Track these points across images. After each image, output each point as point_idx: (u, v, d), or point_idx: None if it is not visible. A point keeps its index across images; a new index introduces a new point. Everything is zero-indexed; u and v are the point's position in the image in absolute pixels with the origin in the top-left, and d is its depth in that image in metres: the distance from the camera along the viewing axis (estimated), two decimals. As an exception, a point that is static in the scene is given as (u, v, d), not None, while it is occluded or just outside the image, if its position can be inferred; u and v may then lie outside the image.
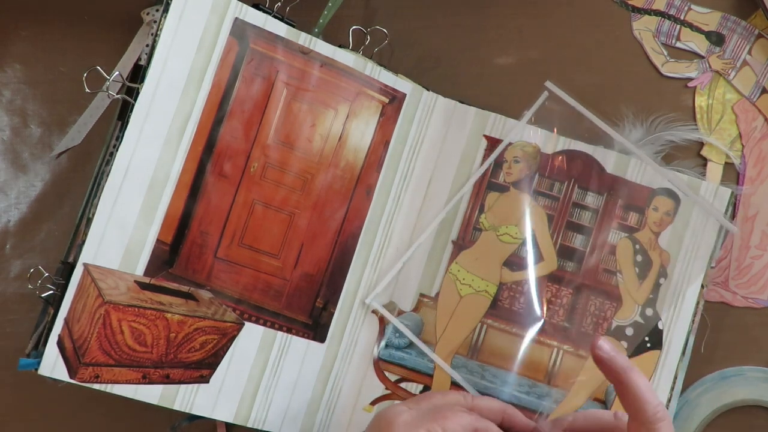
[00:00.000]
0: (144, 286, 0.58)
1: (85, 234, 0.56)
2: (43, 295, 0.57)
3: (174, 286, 0.59)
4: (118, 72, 0.57)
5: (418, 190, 0.65)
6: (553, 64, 0.68)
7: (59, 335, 0.56)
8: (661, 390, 0.62)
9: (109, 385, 0.57)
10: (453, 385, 0.63)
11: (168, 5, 0.57)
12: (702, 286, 0.63)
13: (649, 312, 0.63)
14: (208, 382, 0.60)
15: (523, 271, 0.64)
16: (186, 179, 0.59)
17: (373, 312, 0.64)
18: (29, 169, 0.67)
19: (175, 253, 0.59)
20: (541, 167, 0.64)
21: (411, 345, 0.63)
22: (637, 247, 0.64)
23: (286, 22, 0.61)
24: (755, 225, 0.66)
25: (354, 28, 0.64)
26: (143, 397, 0.58)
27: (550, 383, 0.63)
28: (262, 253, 0.61)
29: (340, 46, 0.62)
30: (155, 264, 0.58)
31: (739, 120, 0.67)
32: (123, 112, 0.58)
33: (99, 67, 0.57)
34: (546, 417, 0.60)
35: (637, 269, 0.63)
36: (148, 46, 0.58)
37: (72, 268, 0.56)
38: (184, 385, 0.59)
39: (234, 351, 0.61)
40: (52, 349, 0.56)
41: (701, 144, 0.67)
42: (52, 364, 0.56)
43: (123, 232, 0.57)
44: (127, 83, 0.58)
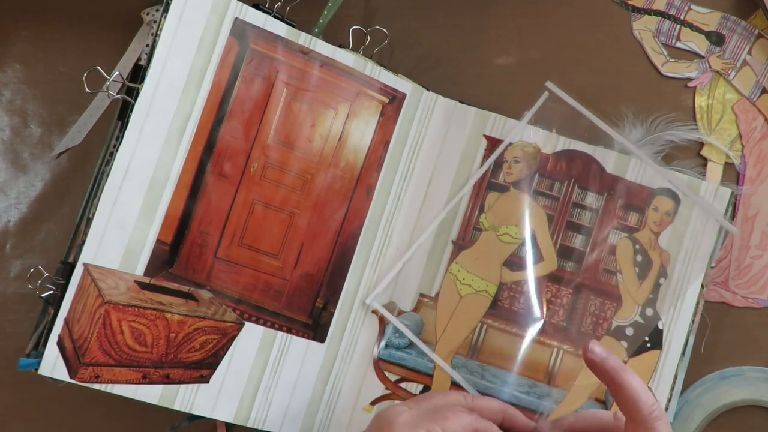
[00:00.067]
0: (144, 286, 0.58)
1: (85, 234, 0.56)
2: (43, 295, 0.57)
3: (174, 286, 0.59)
4: (118, 72, 0.57)
5: (418, 190, 0.65)
6: (553, 64, 0.68)
7: (59, 335, 0.56)
8: (661, 390, 0.62)
9: (109, 385, 0.57)
10: (453, 385, 0.63)
11: (168, 5, 0.57)
12: (702, 286, 0.63)
13: (649, 312, 0.63)
14: (208, 382, 0.60)
15: (523, 271, 0.64)
16: (186, 179, 0.59)
17: (373, 312, 0.64)
18: (29, 169, 0.67)
19: (175, 253, 0.59)
20: (541, 167, 0.64)
21: (411, 345, 0.63)
22: (637, 247, 0.64)
23: (286, 22, 0.61)
24: (755, 225, 0.66)
25: (354, 28, 0.64)
26: (143, 397, 0.58)
27: (550, 383, 0.63)
28: (262, 253, 0.61)
29: (340, 46, 0.62)
30: (155, 264, 0.58)
31: (739, 120, 0.67)
32: (123, 112, 0.58)
33: (99, 67, 0.57)
34: (546, 417, 0.60)
35: (637, 269, 0.63)
36: (148, 46, 0.58)
37: (72, 268, 0.56)
38: (184, 385, 0.59)
39: (234, 351, 0.61)
40: (52, 349, 0.56)
41: (701, 144, 0.67)
42: (52, 364, 0.56)
43: (123, 232, 0.57)
44: (127, 83, 0.58)
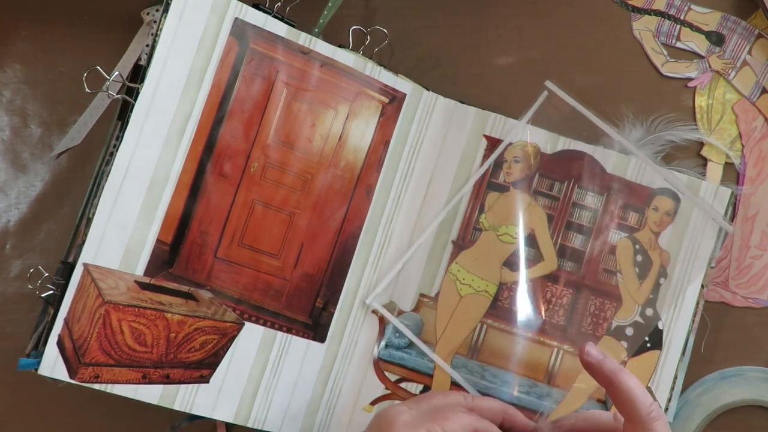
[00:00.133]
0: (144, 286, 0.58)
1: (85, 234, 0.56)
2: (43, 295, 0.57)
3: (174, 286, 0.59)
4: (118, 72, 0.57)
5: (418, 190, 0.65)
6: (553, 64, 0.68)
7: (59, 335, 0.56)
8: (661, 390, 0.62)
9: (109, 385, 0.57)
10: (453, 385, 0.63)
11: (168, 5, 0.57)
12: (702, 286, 0.63)
13: (649, 312, 0.63)
14: (208, 382, 0.60)
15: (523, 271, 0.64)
16: (186, 179, 0.59)
17: (373, 312, 0.64)
18: (29, 169, 0.67)
19: (175, 253, 0.59)
20: (541, 167, 0.64)
21: (411, 345, 0.63)
22: (637, 247, 0.64)
23: (286, 22, 0.61)
24: (755, 225, 0.66)
25: (354, 28, 0.64)
26: (143, 397, 0.58)
27: (550, 383, 0.63)
28: (262, 253, 0.61)
29: (340, 46, 0.62)
30: (155, 264, 0.58)
31: (739, 120, 0.67)
32: (123, 112, 0.58)
33: (99, 67, 0.57)
34: (546, 417, 0.60)
35: (637, 269, 0.63)
36: (148, 46, 0.58)
37: (72, 268, 0.56)
38: (184, 385, 0.59)
39: (234, 351, 0.61)
40: (52, 349, 0.56)
41: (701, 144, 0.67)
42: (52, 364, 0.56)
43: (123, 232, 0.57)
44: (127, 83, 0.58)
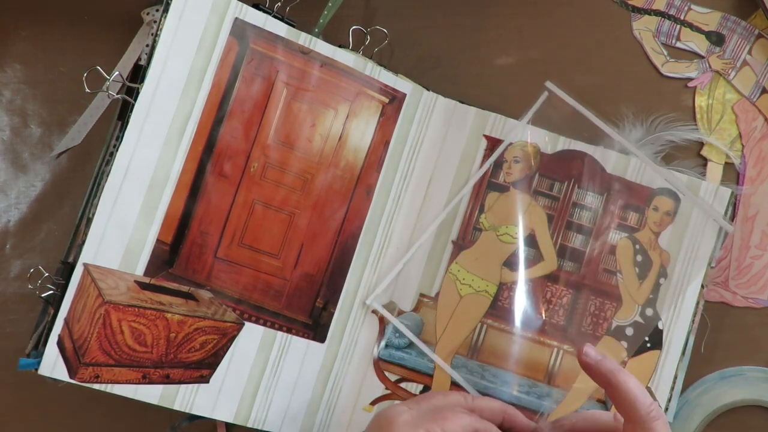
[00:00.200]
0: (144, 286, 0.58)
1: (85, 234, 0.56)
2: (43, 295, 0.57)
3: (174, 286, 0.59)
4: (118, 72, 0.57)
5: (418, 190, 0.65)
6: (553, 64, 0.68)
7: (59, 335, 0.56)
8: (661, 390, 0.62)
9: (109, 385, 0.57)
10: (453, 385, 0.63)
11: (168, 5, 0.57)
12: (702, 286, 0.63)
13: (649, 312, 0.63)
14: (208, 382, 0.60)
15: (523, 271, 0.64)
16: (186, 179, 0.59)
17: (373, 312, 0.64)
18: (29, 169, 0.67)
19: (175, 253, 0.59)
20: (541, 167, 0.64)
21: (411, 345, 0.63)
22: (637, 247, 0.64)
23: (286, 22, 0.61)
24: (755, 225, 0.66)
25: (354, 28, 0.64)
26: (143, 397, 0.58)
27: (550, 383, 0.63)
28: (262, 253, 0.61)
29: (340, 46, 0.62)
30: (155, 264, 0.58)
31: (739, 120, 0.67)
32: (123, 112, 0.58)
33: (99, 67, 0.57)
34: (546, 417, 0.60)
35: (637, 269, 0.63)
36: (148, 46, 0.58)
37: (72, 268, 0.56)
38: (184, 385, 0.59)
39: (234, 351, 0.61)
40: (52, 349, 0.56)
41: (701, 144, 0.67)
42: (52, 364, 0.56)
43: (123, 232, 0.57)
44: (127, 83, 0.58)
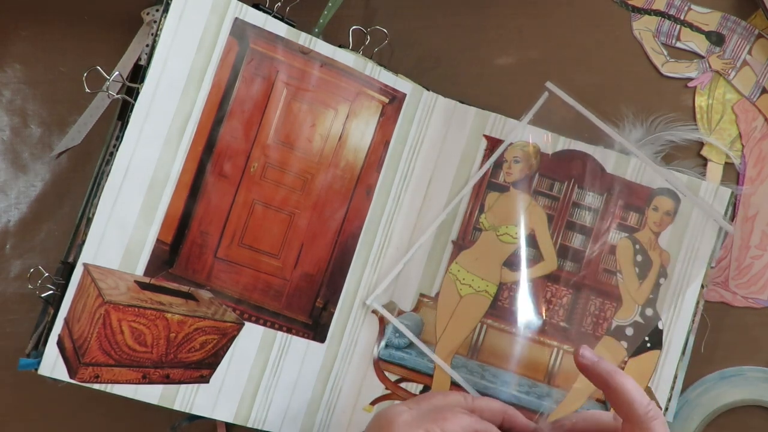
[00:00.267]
0: (144, 286, 0.58)
1: (85, 234, 0.56)
2: (43, 295, 0.57)
3: (174, 286, 0.59)
4: (118, 72, 0.57)
5: (418, 190, 0.65)
6: (553, 64, 0.68)
7: (59, 335, 0.56)
8: (661, 390, 0.62)
9: (109, 385, 0.57)
10: (453, 385, 0.63)
11: (168, 5, 0.57)
12: (702, 286, 0.63)
13: (649, 312, 0.63)
14: (208, 382, 0.60)
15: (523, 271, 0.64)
16: (186, 179, 0.59)
17: (373, 312, 0.64)
18: (29, 169, 0.67)
19: (175, 253, 0.59)
20: (541, 167, 0.64)
21: (411, 345, 0.63)
22: (637, 247, 0.64)
23: (286, 22, 0.61)
24: (755, 225, 0.66)
25: (354, 28, 0.64)
26: (143, 397, 0.58)
27: (550, 383, 0.63)
28: (262, 253, 0.61)
29: (340, 46, 0.62)
30: (155, 264, 0.58)
31: (739, 120, 0.67)
32: (123, 112, 0.58)
33: (99, 67, 0.57)
34: (546, 417, 0.60)
35: (637, 269, 0.63)
36: (148, 46, 0.58)
37: (72, 268, 0.56)
38: (184, 385, 0.59)
39: (234, 351, 0.61)
40: (52, 349, 0.56)
41: (701, 144, 0.67)
42: (52, 364, 0.56)
43: (123, 232, 0.57)
44: (127, 83, 0.58)
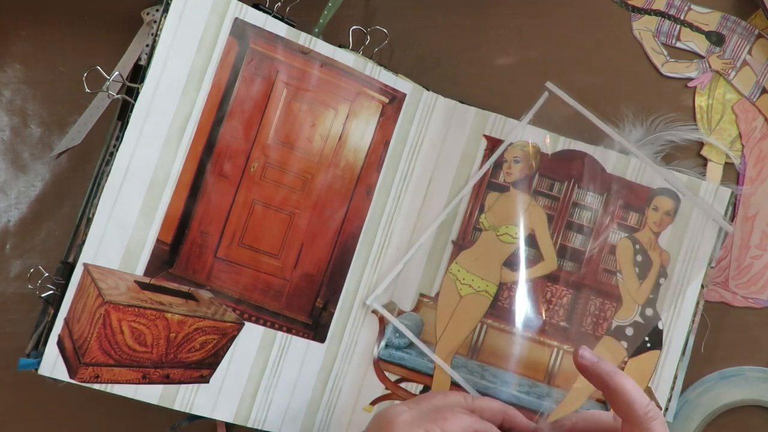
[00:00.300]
0: (144, 286, 0.58)
1: (85, 234, 0.56)
2: (43, 295, 0.57)
3: (174, 286, 0.59)
4: (118, 72, 0.57)
5: (418, 190, 0.65)
6: (553, 64, 0.68)
7: (59, 335, 0.56)
8: (661, 390, 0.62)
9: (109, 385, 0.57)
10: (453, 385, 0.63)
11: (168, 5, 0.57)
12: (702, 286, 0.63)
13: (649, 312, 0.63)
14: (208, 382, 0.60)
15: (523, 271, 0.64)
16: (186, 179, 0.59)
17: (373, 312, 0.64)
18: (29, 169, 0.67)
19: (175, 253, 0.59)
20: (541, 167, 0.64)
21: (411, 345, 0.63)
22: (637, 247, 0.64)
23: (286, 22, 0.61)
24: (755, 225, 0.66)
25: (354, 28, 0.64)
26: (143, 397, 0.58)
27: (550, 383, 0.63)
28: (262, 253, 0.61)
29: (340, 46, 0.62)
30: (155, 264, 0.58)
31: (739, 120, 0.67)
32: (123, 112, 0.58)
33: (99, 67, 0.57)
34: (546, 417, 0.60)
35: (637, 269, 0.63)
36: (148, 46, 0.58)
37: (72, 268, 0.56)
38: (184, 385, 0.59)
39: (234, 351, 0.61)
40: (52, 349, 0.56)
41: (701, 144, 0.67)
42: (52, 364, 0.56)
43: (123, 232, 0.57)
44: (127, 83, 0.58)
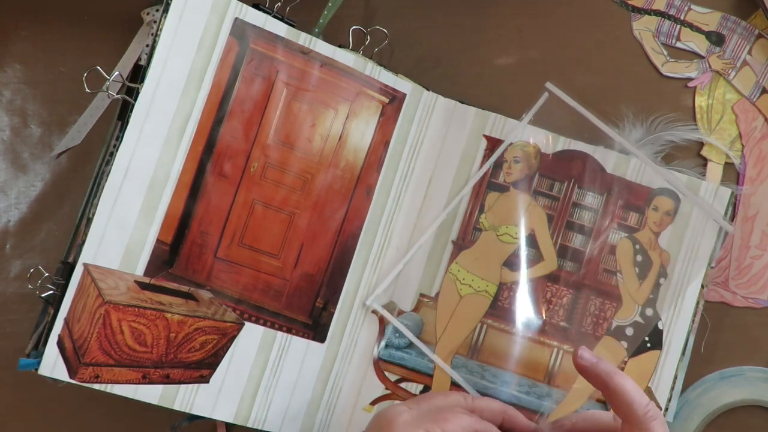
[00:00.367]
0: (144, 286, 0.58)
1: (85, 234, 0.56)
2: (43, 295, 0.57)
3: (174, 286, 0.59)
4: (118, 72, 0.57)
5: (418, 190, 0.65)
6: (553, 64, 0.68)
7: (59, 335, 0.56)
8: (661, 390, 0.62)
9: (109, 385, 0.57)
10: (453, 385, 0.63)
11: (168, 5, 0.57)
12: (702, 286, 0.63)
13: (649, 312, 0.63)
14: (208, 382, 0.60)
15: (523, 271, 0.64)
16: (186, 179, 0.59)
17: (373, 312, 0.64)
18: (29, 169, 0.67)
19: (175, 253, 0.59)
20: (541, 167, 0.64)
21: (411, 345, 0.63)
22: (637, 247, 0.64)
23: (286, 22, 0.61)
24: (755, 225, 0.66)
25: (354, 28, 0.64)
26: (143, 397, 0.58)
27: (550, 383, 0.63)
28: (262, 253, 0.61)
29: (340, 46, 0.62)
30: (155, 264, 0.58)
31: (739, 120, 0.67)
32: (123, 112, 0.58)
33: (99, 67, 0.57)
34: (546, 417, 0.60)
35: (637, 269, 0.63)
36: (148, 46, 0.58)
37: (72, 268, 0.56)
38: (184, 385, 0.59)
39: (234, 351, 0.61)
40: (52, 349, 0.56)
41: (701, 144, 0.67)
42: (52, 364, 0.56)
43: (123, 232, 0.57)
44: (127, 83, 0.58)
